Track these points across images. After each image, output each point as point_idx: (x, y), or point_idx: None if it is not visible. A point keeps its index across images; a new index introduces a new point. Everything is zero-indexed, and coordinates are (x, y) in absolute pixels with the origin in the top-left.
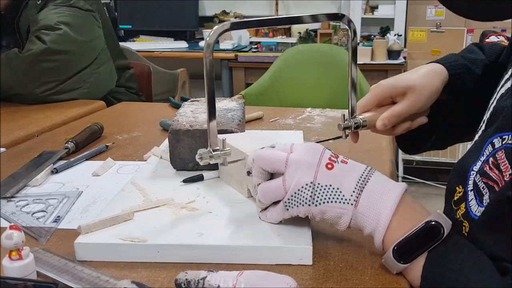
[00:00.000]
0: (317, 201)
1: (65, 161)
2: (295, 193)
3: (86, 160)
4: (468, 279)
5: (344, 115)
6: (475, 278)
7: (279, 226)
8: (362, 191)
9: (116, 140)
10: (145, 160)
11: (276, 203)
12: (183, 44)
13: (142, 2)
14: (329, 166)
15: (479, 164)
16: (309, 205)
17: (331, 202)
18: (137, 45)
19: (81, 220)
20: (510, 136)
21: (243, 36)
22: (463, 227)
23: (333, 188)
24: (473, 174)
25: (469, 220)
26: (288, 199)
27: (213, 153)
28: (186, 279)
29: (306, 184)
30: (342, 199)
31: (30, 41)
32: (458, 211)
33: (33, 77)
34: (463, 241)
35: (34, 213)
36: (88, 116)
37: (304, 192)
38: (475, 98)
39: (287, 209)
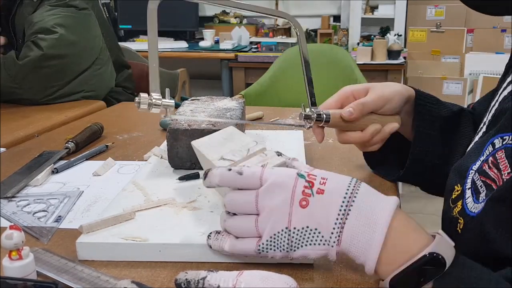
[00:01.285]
0: (295, 246)
1: (66, 161)
2: (271, 238)
3: (86, 160)
4: None
5: (304, 105)
6: None
7: None
8: (343, 226)
9: (116, 140)
10: (146, 160)
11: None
12: (183, 44)
13: (142, 2)
14: (303, 203)
15: (478, 163)
16: (287, 251)
17: (311, 245)
18: (137, 45)
19: (82, 219)
20: (510, 136)
21: (243, 36)
22: (458, 224)
23: (311, 230)
24: (472, 173)
25: (464, 216)
26: (263, 244)
27: (154, 100)
28: (186, 279)
29: (282, 230)
30: (321, 240)
31: (26, 46)
32: (454, 209)
33: (33, 83)
34: (468, 262)
35: (35, 213)
36: (88, 116)
37: (280, 238)
38: (451, 132)
39: (260, 253)
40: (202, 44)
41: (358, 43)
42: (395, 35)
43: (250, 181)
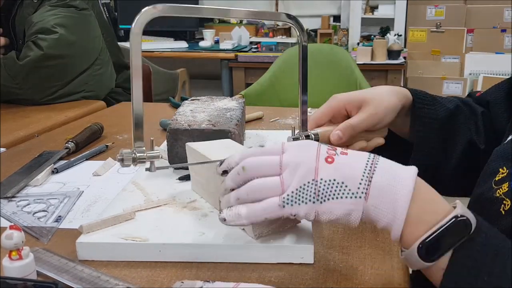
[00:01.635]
0: (322, 198)
1: (66, 161)
2: (297, 189)
3: (86, 160)
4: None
5: (294, 127)
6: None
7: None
8: (370, 181)
9: (116, 140)
10: None
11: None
12: (183, 44)
13: (142, 2)
14: (329, 160)
15: None
16: (314, 202)
17: (338, 198)
18: None
19: (82, 219)
20: None
21: (243, 36)
22: (503, 205)
23: (338, 183)
24: None
25: None
26: (288, 195)
27: (137, 154)
28: None
29: (308, 182)
30: (349, 193)
31: (26, 46)
32: (498, 190)
33: (33, 83)
34: (491, 233)
35: (35, 213)
36: (88, 116)
37: (307, 190)
38: (445, 132)
39: (284, 206)
40: (202, 44)
41: (358, 43)
42: (395, 35)
43: (272, 150)
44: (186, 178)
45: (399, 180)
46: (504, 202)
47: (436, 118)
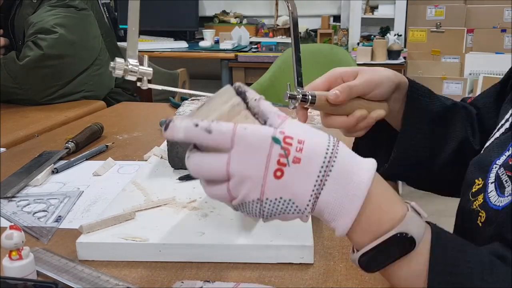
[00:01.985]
0: (267, 215)
1: (66, 161)
2: (243, 204)
3: (86, 160)
4: (482, 280)
5: (289, 84)
6: (489, 277)
7: (280, 225)
8: (318, 197)
9: (116, 140)
10: (146, 160)
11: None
12: (183, 44)
13: (142, 2)
14: (278, 173)
15: (503, 158)
16: (259, 217)
17: (284, 213)
18: None
19: (82, 219)
20: None
21: (243, 36)
22: (479, 217)
23: (284, 200)
24: (495, 167)
25: (487, 209)
26: (235, 206)
27: (130, 66)
28: None
29: (253, 200)
30: (295, 210)
31: (26, 46)
32: (475, 202)
33: (33, 83)
34: (459, 241)
35: (35, 213)
36: (88, 116)
37: (251, 207)
38: (442, 127)
39: (236, 209)
40: (202, 44)
41: (358, 43)
42: (395, 35)
43: (220, 141)
44: (186, 178)
45: (351, 191)
46: (480, 214)
47: (429, 111)
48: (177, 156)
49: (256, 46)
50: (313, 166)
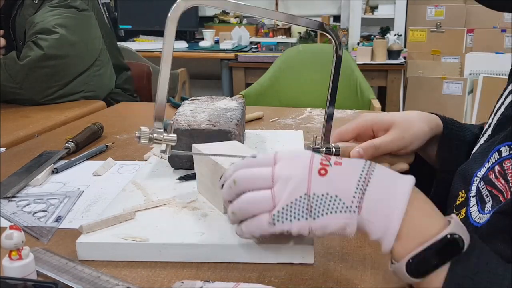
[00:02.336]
0: (315, 214)
1: (66, 161)
2: (288, 205)
3: (86, 160)
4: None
5: (316, 137)
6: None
7: None
8: (364, 194)
9: (116, 140)
10: (146, 160)
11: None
12: (183, 44)
13: (142, 2)
14: (322, 172)
15: (483, 170)
16: (307, 219)
17: (332, 212)
18: (137, 45)
19: (82, 219)
20: None
21: (243, 36)
22: None
23: (331, 197)
24: (476, 180)
25: (467, 225)
26: (279, 212)
27: (155, 134)
28: None
29: (300, 196)
30: (343, 207)
31: (27, 46)
32: (458, 216)
33: (33, 83)
34: (485, 253)
35: (35, 213)
36: (88, 116)
37: (299, 205)
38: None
39: (274, 224)
40: (202, 44)
41: (358, 43)
42: (395, 35)
43: (264, 161)
44: (186, 178)
45: (393, 194)
46: None
47: (464, 141)
48: (177, 156)
49: (256, 46)
50: (354, 168)
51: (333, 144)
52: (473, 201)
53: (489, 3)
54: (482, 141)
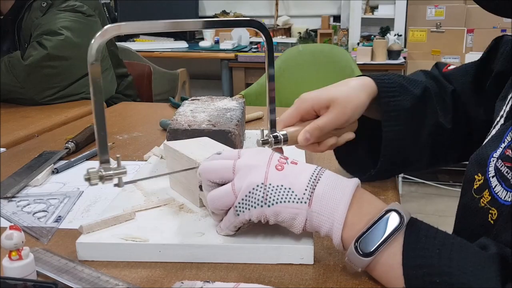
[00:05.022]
0: (269, 201)
1: (66, 161)
2: (246, 195)
3: (86, 160)
4: (450, 259)
5: (263, 130)
6: (458, 256)
7: (280, 226)
8: (314, 189)
9: (116, 140)
10: (146, 160)
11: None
12: (183, 44)
13: (142, 2)
14: (279, 167)
15: (499, 150)
16: (262, 206)
17: (284, 202)
18: (137, 45)
19: (82, 220)
20: None
21: (243, 36)
22: (490, 215)
23: (285, 188)
24: (493, 160)
25: (498, 206)
26: (239, 203)
27: (104, 172)
28: None
29: (257, 186)
30: (295, 198)
31: (31, 46)
32: (481, 199)
33: (34, 83)
34: (432, 229)
35: (35, 213)
36: (88, 116)
37: (256, 194)
38: (416, 118)
39: (238, 214)
40: (202, 44)
41: (358, 43)
42: (395, 35)
43: (228, 155)
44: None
45: (340, 189)
46: (490, 211)
47: (402, 109)
48: None
49: (256, 46)
50: (307, 169)
51: (280, 132)
52: (494, 181)
53: (495, 8)
54: (494, 131)
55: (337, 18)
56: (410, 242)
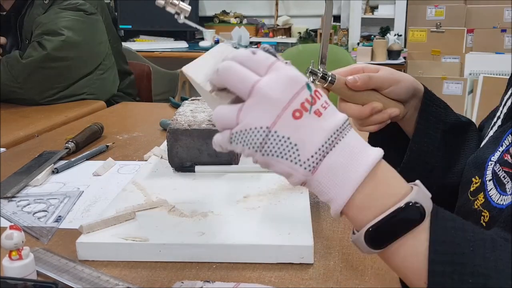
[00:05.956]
0: (265, 150)
1: (66, 161)
2: (245, 130)
3: (86, 160)
4: (485, 258)
5: (312, 61)
6: (494, 256)
7: (280, 225)
8: (324, 157)
9: (116, 140)
10: (146, 160)
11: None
12: (183, 44)
13: (142, 2)
14: (297, 114)
15: (497, 154)
16: (256, 150)
17: (282, 157)
18: (137, 45)
19: (82, 220)
20: None
21: (243, 36)
22: (482, 217)
23: (290, 143)
24: (491, 164)
25: (490, 209)
26: (236, 133)
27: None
28: None
29: (260, 128)
30: (296, 159)
31: (31, 46)
32: (475, 202)
33: (34, 83)
34: (458, 220)
35: (35, 213)
36: (88, 116)
37: (255, 136)
38: (451, 134)
39: (231, 142)
40: (202, 44)
41: (358, 43)
42: (395, 35)
43: (260, 64)
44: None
45: (357, 161)
46: (483, 214)
47: (442, 121)
48: (177, 156)
49: (256, 46)
50: (330, 125)
51: (330, 72)
52: (490, 184)
53: None
54: (491, 133)
55: (337, 18)
56: (438, 234)
